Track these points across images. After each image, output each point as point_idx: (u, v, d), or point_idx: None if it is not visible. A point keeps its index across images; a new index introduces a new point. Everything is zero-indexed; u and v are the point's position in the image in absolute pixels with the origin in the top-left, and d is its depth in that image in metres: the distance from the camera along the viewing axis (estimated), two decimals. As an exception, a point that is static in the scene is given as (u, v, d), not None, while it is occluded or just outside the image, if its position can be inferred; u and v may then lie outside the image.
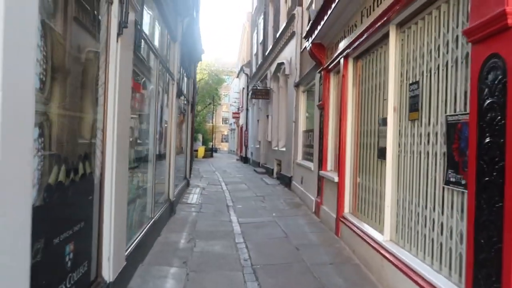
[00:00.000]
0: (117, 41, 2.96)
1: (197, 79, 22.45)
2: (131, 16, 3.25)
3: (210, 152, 33.45)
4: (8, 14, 1.38)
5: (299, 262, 4.54)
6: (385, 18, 4.00)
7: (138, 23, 3.57)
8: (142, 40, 4.05)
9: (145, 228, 4.65)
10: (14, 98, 1.45)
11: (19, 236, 1.56)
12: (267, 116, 15.92)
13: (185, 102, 9.95)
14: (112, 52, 2.90)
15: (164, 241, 5.28)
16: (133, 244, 3.94)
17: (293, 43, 11.05)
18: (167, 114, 6.71)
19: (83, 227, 2.55)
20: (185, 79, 9.34)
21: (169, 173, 6.88)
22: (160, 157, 6.22)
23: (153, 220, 5.12)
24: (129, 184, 3.78)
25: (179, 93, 7.56)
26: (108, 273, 2.95)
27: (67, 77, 2.25)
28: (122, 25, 2.98)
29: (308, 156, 9.02)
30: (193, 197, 9.28)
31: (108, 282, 2.94)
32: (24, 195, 1.58)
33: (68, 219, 2.31)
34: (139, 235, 4.30)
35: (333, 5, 5.37)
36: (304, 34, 9.93)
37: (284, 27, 12.09)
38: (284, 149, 11.95)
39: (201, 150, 30.44)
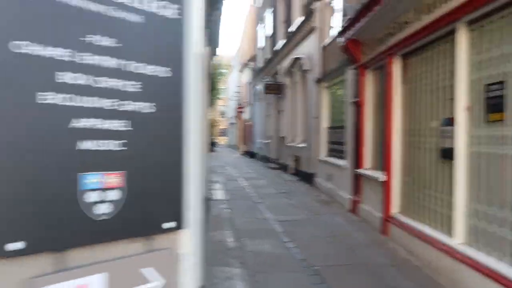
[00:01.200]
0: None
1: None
2: None
3: (211, 146, 33.30)
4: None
5: (359, 263, 4.48)
6: (454, 16, 3.92)
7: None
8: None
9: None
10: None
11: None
12: (279, 111, 15.79)
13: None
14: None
15: (211, 240, 5.19)
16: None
17: (312, 38, 10.91)
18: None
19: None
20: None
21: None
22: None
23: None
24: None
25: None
26: (199, 279, 2.85)
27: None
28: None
29: (335, 153, 8.94)
30: (218, 193, 9.18)
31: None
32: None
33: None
34: (199, 237, 4.20)
35: (383, 2, 5.26)
36: (325, 29, 9.86)
37: (302, 22, 11.93)
38: (303, 145, 11.84)
39: (203, 144, 30.13)
